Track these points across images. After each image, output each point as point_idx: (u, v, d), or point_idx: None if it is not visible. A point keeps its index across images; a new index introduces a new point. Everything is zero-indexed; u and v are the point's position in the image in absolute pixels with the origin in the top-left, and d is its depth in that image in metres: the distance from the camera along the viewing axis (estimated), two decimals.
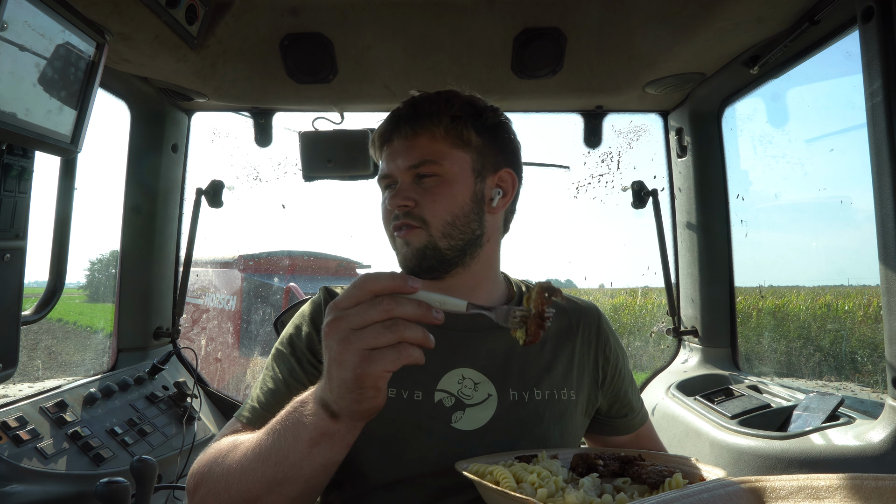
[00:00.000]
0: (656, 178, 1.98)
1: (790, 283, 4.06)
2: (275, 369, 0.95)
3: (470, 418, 0.91)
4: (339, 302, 0.64)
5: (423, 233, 0.93)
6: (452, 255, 0.95)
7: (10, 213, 1.06)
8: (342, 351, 0.62)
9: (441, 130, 0.95)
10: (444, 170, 0.94)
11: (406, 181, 0.95)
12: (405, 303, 0.62)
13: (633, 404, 1.09)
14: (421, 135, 0.95)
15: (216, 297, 5.67)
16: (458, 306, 0.68)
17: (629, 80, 1.61)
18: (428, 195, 0.93)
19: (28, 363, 2.41)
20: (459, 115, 0.96)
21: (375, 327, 0.61)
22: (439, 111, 0.95)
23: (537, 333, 0.70)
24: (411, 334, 0.62)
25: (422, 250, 0.93)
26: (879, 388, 1.55)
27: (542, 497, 0.66)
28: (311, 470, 0.70)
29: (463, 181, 0.95)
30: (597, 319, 1.08)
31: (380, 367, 0.61)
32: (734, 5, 1.22)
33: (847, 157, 1.83)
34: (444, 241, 0.93)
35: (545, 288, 0.71)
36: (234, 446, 0.78)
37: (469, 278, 0.99)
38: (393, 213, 0.95)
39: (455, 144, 0.95)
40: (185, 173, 1.95)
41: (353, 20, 1.40)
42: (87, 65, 1.09)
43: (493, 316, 0.71)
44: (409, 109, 0.97)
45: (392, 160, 0.97)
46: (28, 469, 1.21)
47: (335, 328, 0.63)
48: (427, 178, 0.94)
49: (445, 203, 0.93)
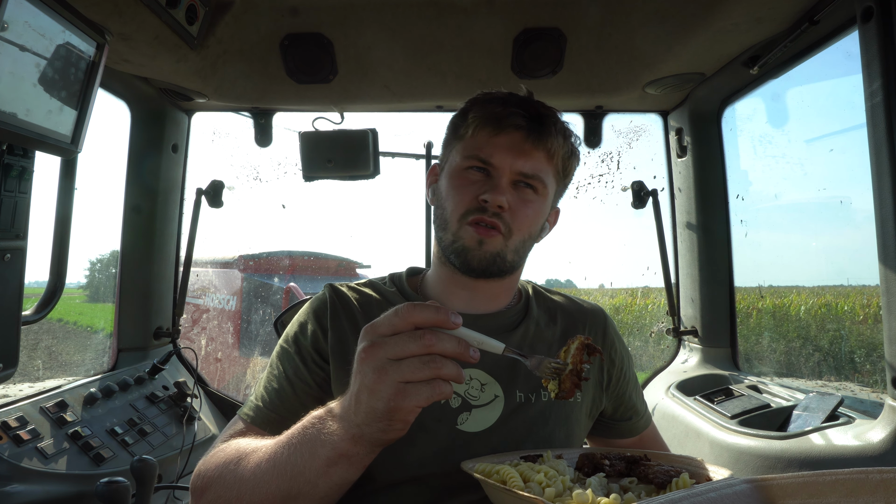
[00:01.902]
0: (656, 178, 1.98)
1: (790, 283, 4.06)
2: (279, 368, 0.94)
3: (476, 419, 0.91)
4: (378, 327, 0.63)
5: (502, 240, 0.93)
6: (508, 269, 0.96)
7: (11, 213, 1.06)
8: (377, 381, 0.61)
9: (561, 154, 0.96)
10: (545, 192, 0.96)
11: (507, 181, 0.93)
12: (446, 339, 0.61)
13: (637, 408, 1.09)
14: (546, 148, 0.93)
15: (216, 297, 5.67)
16: (495, 348, 0.67)
17: (629, 80, 1.61)
18: (522, 207, 0.93)
19: (28, 363, 2.41)
20: (574, 150, 0.99)
21: (413, 361, 0.60)
22: (567, 136, 0.97)
23: (572, 391, 0.69)
24: (447, 371, 0.61)
25: (494, 256, 0.93)
26: (879, 388, 1.55)
27: (550, 496, 0.66)
28: (327, 488, 0.69)
29: (546, 207, 0.99)
30: (603, 323, 1.08)
31: (412, 402, 0.61)
32: (734, 5, 1.22)
33: (847, 157, 1.84)
34: (512, 254, 0.95)
35: (586, 345, 0.70)
36: (246, 453, 0.77)
37: (497, 288, 1.02)
38: (478, 204, 0.92)
39: (558, 172, 0.98)
40: (185, 173, 1.95)
41: (353, 20, 1.40)
42: (87, 65, 1.10)
43: (529, 364, 0.70)
44: (546, 114, 0.95)
45: (505, 153, 0.92)
46: (28, 469, 1.22)
47: (372, 355, 0.62)
48: (527, 190, 0.94)
49: (531, 221, 0.95)
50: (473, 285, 0.99)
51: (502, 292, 1.03)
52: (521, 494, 0.65)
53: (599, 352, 0.71)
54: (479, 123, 0.94)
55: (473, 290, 1.00)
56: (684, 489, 0.55)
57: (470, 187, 0.93)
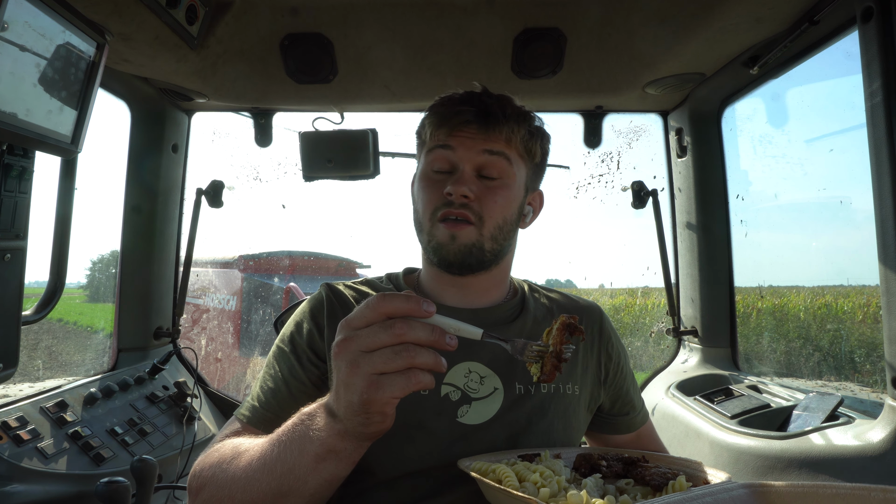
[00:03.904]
0: (656, 178, 1.98)
1: (790, 283, 4.06)
2: (275, 367, 0.95)
3: (476, 412, 0.92)
4: (351, 321, 0.63)
5: (475, 231, 0.93)
6: (489, 259, 0.97)
7: (11, 213, 1.06)
8: (350, 374, 0.61)
9: (519, 138, 0.97)
10: (509, 175, 0.96)
11: (469, 172, 0.94)
12: (418, 327, 0.60)
13: (634, 403, 1.10)
14: (502, 134, 0.95)
15: (216, 297, 5.66)
16: (472, 334, 0.66)
17: (629, 80, 1.61)
18: (489, 194, 0.94)
19: (28, 363, 2.41)
20: (534, 130, 1.00)
21: (385, 351, 0.60)
22: (523, 119, 0.98)
23: (552, 374, 0.68)
24: (422, 360, 0.60)
25: (469, 248, 0.93)
26: (879, 388, 1.55)
27: (545, 497, 0.66)
28: (317, 485, 0.69)
29: (517, 191, 0.99)
30: (599, 318, 1.09)
31: (387, 394, 0.60)
32: (734, 5, 1.22)
33: (847, 157, 1.83)
34: (490, 243, 0.95)
35: (567, 325, 0.69)
36: (238, 452, 0.78)
37: (487, 281, 1.02)
38: (445, 199, 0.93)
39: (522, 156, 0.99)
40: (185, 173, 1.95)
41: (353, 20, 1.40)
42: (87, 65, 1.10)
43: (510, 348, 0.69)
44: (493, 104, 0.96)
45: (463, 145, 0.94)
46: (28, 469, 1.22)
47: (344, 349, 0.62)
48: (490, 179, 0.95)
49: (502, 206, 0.95)
50: (461, 282, 1.00)
51: (493, 286, 1.04)
52: (516, 494, 0.65)
53: (581, 331, 0.70)
54: (434, 127, 0.98)
55: (462, 287, 1.01)
56: (680, 492, 0.54)
57: (436, 186, 0.95)
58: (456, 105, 0.96)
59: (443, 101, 1.00)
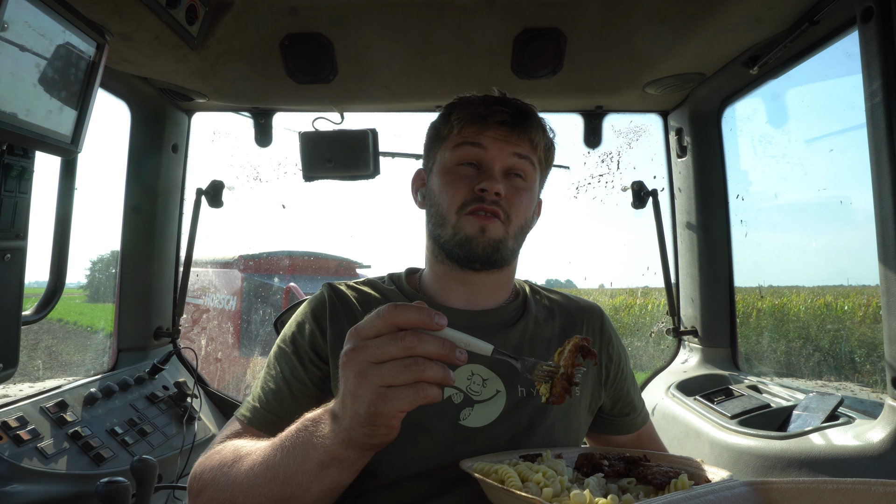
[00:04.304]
0: (656, 178, 1.98)
1: (790, 283, 4.06)
2: (276, 368, 0.94)
3: (479, 415, 0.92)
4: (361, 330, 0.62)
5: (503, 227, 0.95)
6: (508, 257, 0.99)
7: (11, 213, 1.06)
8: (358, 385, 0.60)
9: (543, 146, 1.01)
10: (532, 179, 1.01)
11: (499, 171, 0.97)
12: (428, 340, 0.59)
13: (635, 403, 1.10)
14: (530, 139, 0.98)
15: (216, 297, 5.66)
16: (483, 349, 0.65)
17: (629, 80, 1.61)
18: (516, 194, 0.97)
19: (28, 363, 2.41)
20: (550, 141, 1.04)
21: (394, 364, 0.59)
22: (544, 128, 1.02)
23: (562, 397, 0.67)
24: (432, 374, 0.59)
25: (497, 243, 0.95)
26: (879, 388, 1.55)
27: (548, 496, 0.66)
28: (319, 492, 0.69)
29: (534, 195, 1.03)
30: (599, 319, 1.09)
31: (394, 407, 0.59)
32: (734, 5, 1.22)
33: (847, 157, 1.83)
34: (512, 241, 0.98)
35: (580, 347, 0.68)
36: (240, 456, 0.77)
37: (496, 280, 1.03)
38: (474, 195, 0.94)
39: (541, 162, 1.03)
40: (185, 173, 1.95)
41: (353, 20, 1.40)
42: (87, 65, 1.10)
43: (519, 366, 0.68)
44: (526, 108, 1.00)
45: (495, 145, 0.96)
46: (28, 469, 1.22)
47: (353, 359, 0.61)
48: (517, 179, 0.98)
49: (525, 207, 0.99)
50: (472, 280, 1.00)
51: (500, 286, 1.04)
52: (519, 494, 0.64)
53: (594, 354, 0.69)
54: (464, 123, 0.98)
55: (471, 286, 1.01)
56: (682, 490, 0.55)
57: (464, 181, 0.96)
58: (491, 105, 0.98)
59: (469, 100, 1.01)
